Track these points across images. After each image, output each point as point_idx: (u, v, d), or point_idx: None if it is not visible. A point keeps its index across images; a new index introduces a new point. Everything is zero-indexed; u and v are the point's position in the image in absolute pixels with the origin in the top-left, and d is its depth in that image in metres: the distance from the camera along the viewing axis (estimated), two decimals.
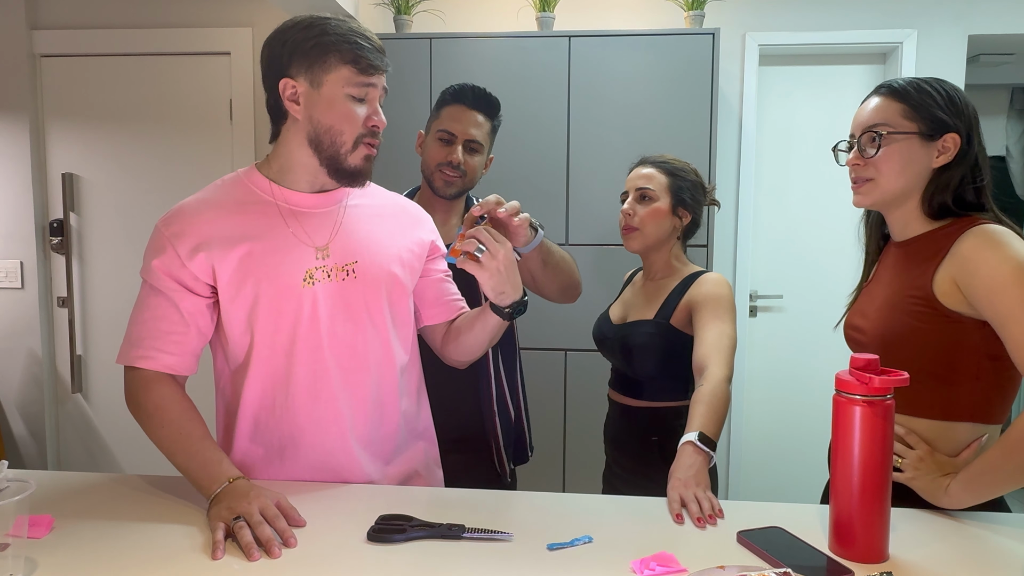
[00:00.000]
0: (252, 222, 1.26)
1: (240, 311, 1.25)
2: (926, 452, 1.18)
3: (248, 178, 1.31)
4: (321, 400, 1.29)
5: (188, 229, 1.24)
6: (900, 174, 1.22)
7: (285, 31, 1.24)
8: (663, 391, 1.64)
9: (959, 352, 1.16)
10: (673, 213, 1.65)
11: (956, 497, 1.13)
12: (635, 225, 1.64)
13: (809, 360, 3.25)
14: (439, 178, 1.72)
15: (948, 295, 1.15)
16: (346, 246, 1.30)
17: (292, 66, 1.23)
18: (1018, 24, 2.99)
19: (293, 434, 1.29)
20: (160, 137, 3.11)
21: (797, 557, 1.01)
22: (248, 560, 1.00)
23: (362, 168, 1.27)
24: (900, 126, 1.21)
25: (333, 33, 1.22)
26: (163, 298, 1.24)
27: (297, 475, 1.31)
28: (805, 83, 3.21)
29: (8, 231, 3.11)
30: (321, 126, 1.24)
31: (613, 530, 1.10)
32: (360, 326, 1.30)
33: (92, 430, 3.23)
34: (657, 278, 1.69)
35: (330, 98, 1.23)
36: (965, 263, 1.13)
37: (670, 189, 1.64)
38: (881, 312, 1.24)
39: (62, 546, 1.05)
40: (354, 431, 1.31)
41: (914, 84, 1.22)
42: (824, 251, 3.24)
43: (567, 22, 3.06)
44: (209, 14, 3.06)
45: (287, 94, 1.23)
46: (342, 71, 1.22)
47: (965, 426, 1.18)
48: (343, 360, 1.29)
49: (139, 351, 1.24)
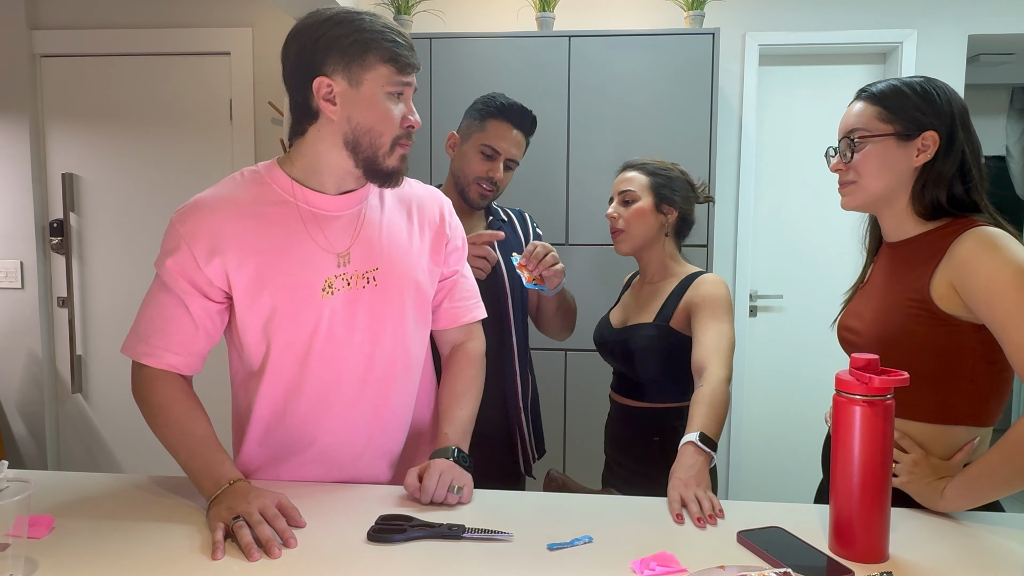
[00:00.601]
0: (271, 227, 1.22)
1: (256, 320, 1.23)
2: (920, 456, 1.17)
3: (269, 175, 1.25)
4: (335, 410, 1.28)
5: (204, 228, 1.20)
6: (878, 175, 1.23)
7: (316, 26, 1.17)
8: (664, 392, 1.64)
9: (955, 355, 1.16)
10: (657, 210, 1.66)
11: (952, 501, 1.13)
12: (621, 227, 1.67)
13: (809, 360, 3.25)
14: (475, 191, 1.74)
15: (945, 298, 1.15)
16: (367, 251, 1.26)
17: (327, 64, 1.16)
18: (1018, 24, 2.99)
19: (304, 442, 1.29)
20: (160, 137, 3.11)
21: (797, 557, 1.01)
22: (248, 560, 1.00)
23: (398, 168, 1.24)
24: (876, 129, 1.22)
25: (370, 30, 1.17)
26: (174, 298, 1.22)
27: (304, 479, 1.31)
28: (805, 83, 3.21)
29: (8, 231, 3.11)
30: (361, 127, 1.19)
31: (613, 530, 1.10)
32: (378, 336, 1.27)
33: (92, 430, 3.23)
34: (654, 280, 1.70)
35: (370, 98, 1.18)
36: (963, 266, 1.12)
37: (651, 188, 1.66)
38: (877, 314, 1.24)
39: (62, 546, 1.05)
40: (370, 440, 1.31)
41: (891, 86, 1.23)
42: (824, 251, 3.24)
43: (567, 22, 3.06)
44: (209, 14, 3.06)
45: (322, 93, 1.17)
46: (381, 70, 1.17)
47: (960, 429, 1.18)
48: (360, 370, 1.27)
49: (145, 348, 1.23)
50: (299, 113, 1.22)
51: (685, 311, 1.59)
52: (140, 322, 1.25)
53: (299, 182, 1.24)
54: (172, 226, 1.23)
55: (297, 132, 1.24)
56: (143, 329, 1.24)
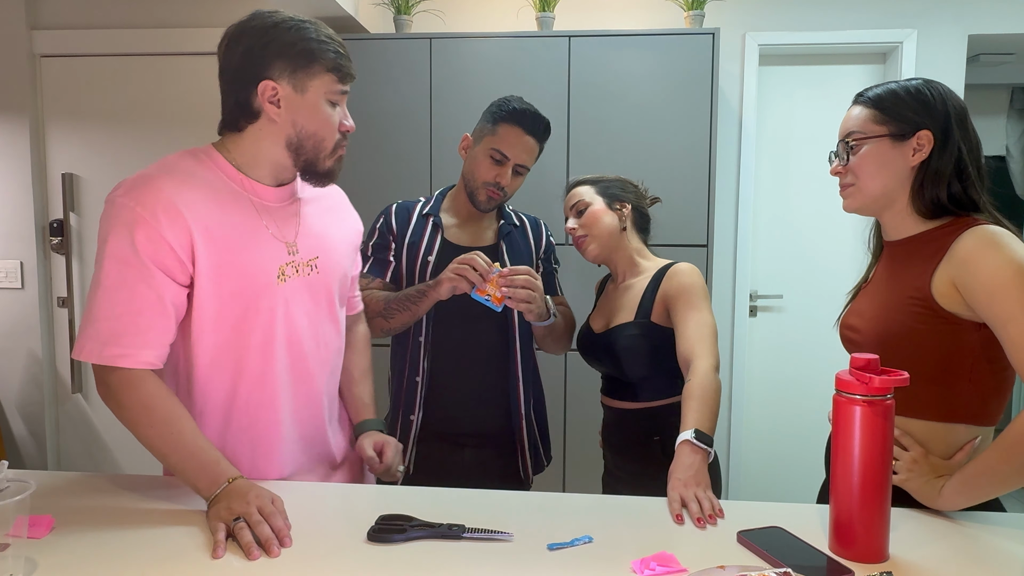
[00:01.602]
0: (229, 212, 1.22)
1: (216, 304, 1.21)
2: (920, 454, 1.18)
3: (214, 162, 1.25)
4: (300, 394, 1.33)
5: (166, 207, 1.15)
6: (875, 176, 1.24)
7: (265, 31, 1.20)
8: (657, 390, 1.64)
9: (957, 354, 1.16)
10: (610, 208, 1.69)
11: (950, 499, 1.13)
12: (582, 234, 1.70)
13: (809, 360, 3.25)
14: (483, 194, 1.74)
15: (946, 296, 1.15)
16: (308, 242, 1.33)
17: (275, 68, 1.20)
18: (1018, 24, 2.99)
19: (270, 427, 1.30)
20: (160, 137, 3.10)
21: (797, 557, 1.01)
22: (248, 559, 1.00)
23: (334, 169, 1.31)
24: (871, 131, 1.24)
25: (317, 39, 1.22)
26: (142, 286, 1.14)
27: (276, 469, 1.32)
28: (805, 83, 3.21)
29: (8, 231, 3.11)
30: (305, 131, 1.24)
31: (613, 530, 1.10)
32: (323, 320, 1.36)
33: (92, 430, 3.23)
34: (627, 279, 1.70)
35: (313, 104, 1.24)
36: (964, 264, 1.12)
37: (598, 192, 1.71)
38: (878, 312, 1.24)
39: (62, 546, 1.05)
40: (331, 415, 1.43)
41: (887, 89, 1.25)
42: (824, 251, 3.24)
43: (567, 22, 3.06)
44: (209, 14, 3.06)
45: (267, 95, 1.22)
46: (325, 78, 1.23)
47: (960, 428, 1.18)
48: (315, 353, 1.34)
49: (117, 349, 1.14)
50: (237, 110, 1.25)
51: (663, 303, 1.59)
52: (103, 323, 1.15)
53: (241, 171, 1.27)
54: (123, 207, 1.14)
55: (231, 127, 1.27)
56: (109, 329, 1.14)
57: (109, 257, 1.15)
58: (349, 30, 2.93)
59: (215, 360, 1.24)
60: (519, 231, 1.85)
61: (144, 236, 1.14)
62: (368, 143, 2.74)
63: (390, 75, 2.79)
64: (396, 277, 1.76)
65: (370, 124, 2.72)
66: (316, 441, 1.39)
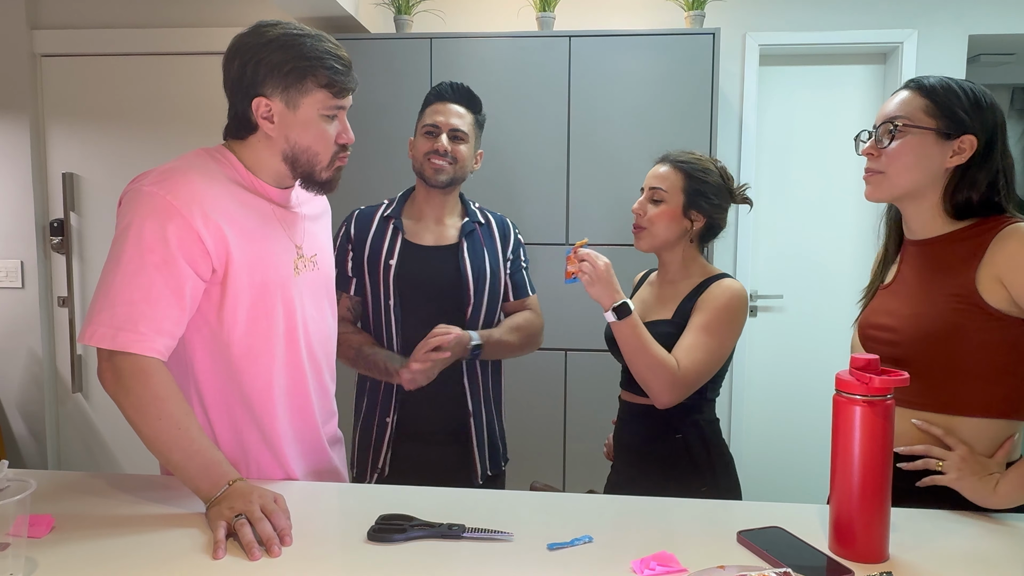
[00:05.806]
0: (249, 208, 1.27)
1: (248, 295, 1.24)
2: (967, 452, 1.16)
3: (229, 161, 1.29)
4: (317, 382, 1.39)
5: (200, 200, 1.18)
6: (910, 169, 1.22)
7: (257, 48, 1.23)
8: None
9: (1002, 349, 1.16)
10: (684, 215, 1.59)
11: (1007, 496, 1.12)
12: (644, 225, 1.61)
13: (809, 360, 3.24)
14: (428, 167, 1.73)
15: (992, 293, 1.15)
16: (308, 240, 1.38)
17: (266, 85, 1.23)
18: (1018, 24, 2.99)
19: (279, 422, 1.32)
20: (160, 137, 3.10)
21: (797, 557, 1.01)
22: (249, 559, 1.00)
23: (333, 178, 1.34)
24: (919, 121, 1.21)
25: (310, 56, 1.22)
26: (163, 275, 1.15)
27: (284, 467, 1.33)
28: (805, 83, 3.21)
29: (8, 231, 3.11)
30: (298, 147, 1.27)
31: (613, 530, 1.10)
32: (326, 314, 1.43)
33: (92, 430, 3.23)
34: (675, 280, 1.64)
35: (306, 120, 1.26)
36: (1010, 260, 1.13)
37: (684, 191, 1.58)
38: (918, 310, 1.23)
39: (62, 546, 1.05)
40: (334, 408, 1.50)
41: (943, 83, 1.23)
42: (824, 251, 3.23)
43: (567, 22, 3.06)
44: (209, 14, 3.06)
45: (260, 112, 1.24)
46: (318, 95, 1.25)
47: (1002, 423, 1.18)
48: (321, 345, 1.40)
49: (132, 335, 1.13)
50: (239, 121, 1.29)
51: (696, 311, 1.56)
52: (117, 307, 1.13)
53: (251, 172, 1.31)
54: (150, 195, 1.16)
55: (235, 135, 1.31)
56: (125, 314, 1.13)
57: (132, 243, 1.15)
58: (349, 30, 2.93)
59: (252, 348, 1.27)
60: (484, 229, 1.82)
61: (176, 227, 1.16)
62: (368, 143, 2.74)
63: (390, 75, 2.79)
64: (360, 289, 1.77)
65: (370, 124, 2.72)
66: (311, 438, 1.43)
